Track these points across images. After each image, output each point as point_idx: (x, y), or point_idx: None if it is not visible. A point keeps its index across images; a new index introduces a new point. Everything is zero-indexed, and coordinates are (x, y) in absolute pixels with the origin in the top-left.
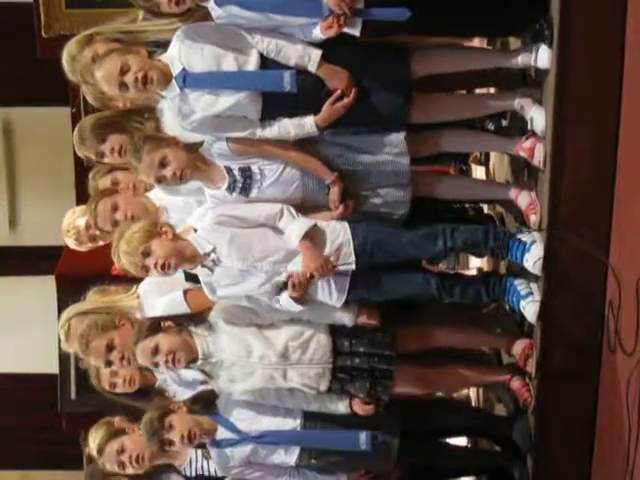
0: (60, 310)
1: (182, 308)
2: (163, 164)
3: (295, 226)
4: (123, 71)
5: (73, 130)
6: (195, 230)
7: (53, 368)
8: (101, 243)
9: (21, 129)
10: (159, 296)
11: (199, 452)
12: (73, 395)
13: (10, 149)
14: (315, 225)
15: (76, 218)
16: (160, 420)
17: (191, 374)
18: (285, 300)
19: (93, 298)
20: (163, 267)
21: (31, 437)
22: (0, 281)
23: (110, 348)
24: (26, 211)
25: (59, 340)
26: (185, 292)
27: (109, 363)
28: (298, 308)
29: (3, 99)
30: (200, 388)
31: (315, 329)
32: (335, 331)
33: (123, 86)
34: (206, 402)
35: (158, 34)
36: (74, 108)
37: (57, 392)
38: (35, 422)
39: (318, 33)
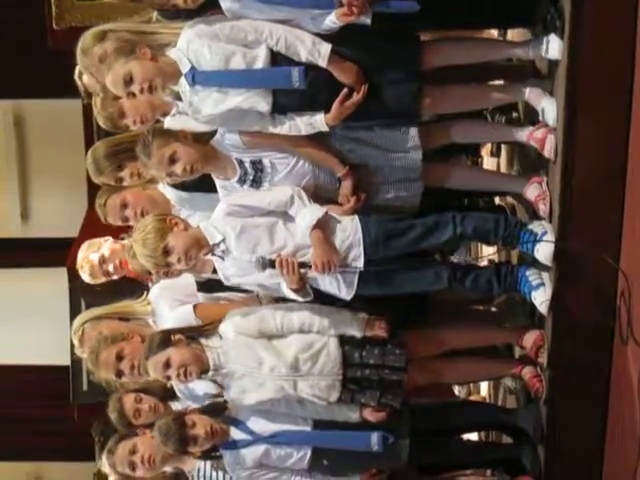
0: (72, 301)
1: (192, 322)
2: (173, 159)
3: (306, 213)
4: (127, 82)
5: (84, 122)
6: None
7: (65, 359)
8: (115, 277)
9: (32, 121)
10: (171, 302)
11: (207, 462)
12: (85, 386)
13: (22, 141)
14: (326, 213)
15: (90, 253)
16: (180, 420)
17: (202, 388)
18: (286, 290)
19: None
20: (186, 259)
21: (43, 428)
22: (11, 273)
23: (120, 358)
24: (38, 203)
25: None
26: (195, 306)
27: (120, 373)
28: (299, 299)
29: (14, 91)
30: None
31: (325, 341)
32: (345, 343)
33: (130, 94)
34: (218, 406)
35: (172, 36)
36: (85, 100)
37: (69, 383)
38: (47, 413)
39: (333, 20)
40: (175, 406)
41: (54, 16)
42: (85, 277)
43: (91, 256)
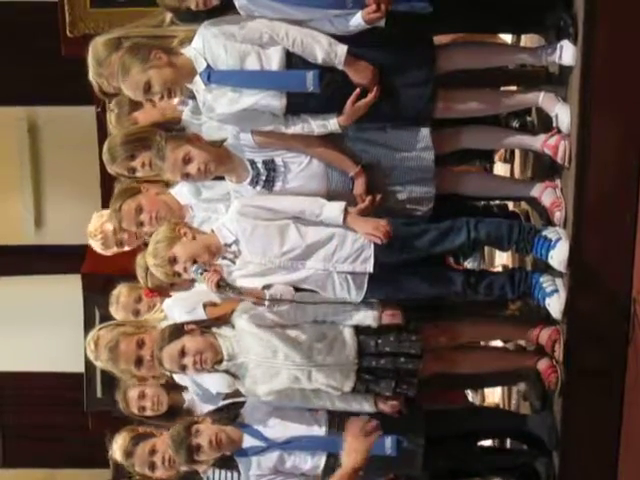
0: (86, 308)
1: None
2: (187, 160)
3: (333, 205)
4: (146, 90)
5: (98, 129)
6: None
7: (79, 367)
8: (127, 248)
9: (46, 128)
10: (184, 311)
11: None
12: (99, 393)
13: (35, 148)
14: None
15: (104, 222)
16: (188, 429)
17: (214, 387)
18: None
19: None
20: None
21: (57, 436)
22: (26, 280)
23: (140, 345)
24: (52, 210)
25: (85, 338)
26: (205, 305)
27: (140, 360)
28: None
29: (28, 98)
30: (222, 403)
31: (340, 330)
32: (360, 332)
33: (149, 100)
34: (230, 413)
35: (186, 38)
36: (99, 107)
37: (83, 391)
38: (61, 421)
39: (359, 20)
40: (185, 395)
41: (68, 23)
42: (97, 246)
43: (105, 225)
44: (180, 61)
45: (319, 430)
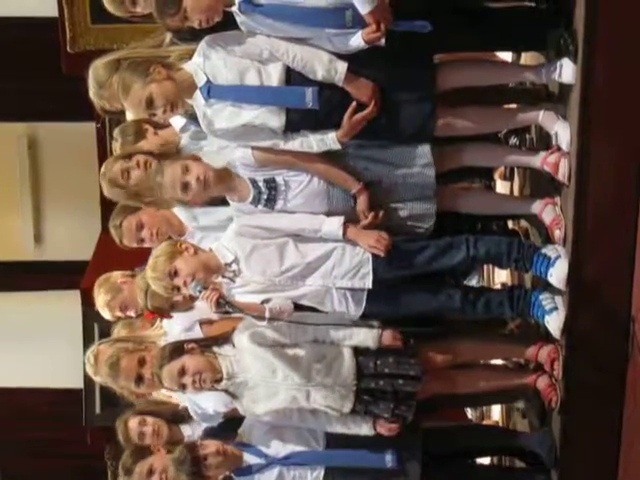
0: (85, 324)
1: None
2: (186, 171)
3: (332, 220)
4: (149, 105)
5: (98, 145)
6: None
7: (78, 383)
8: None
9: (46, 144)
10: (184, 326)
11: None
12: (98, 409)
13: (35, 164)
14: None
15: (109, 299)
16: (191, 445)
17: (211, 407)
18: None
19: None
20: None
21: (56, 451)
22: (25, 296)
23: (141, 363)
24: (51, 226)
25: (84, 354)
26: (201, 323)
27: (140, 379)
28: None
29: (28, 114)
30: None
31: (339, 351)
32: (359, 353)
33: (151, 115)
34: (228, 432)
35: (185, 54)
36: (99, 123)
37: (82, 406)
38: (60, 436)
39: (360, 40)
40: (184, 430)
41: (68, 40)
42: (105, 316)
43: (111, 303)
44: (179, 75)
45: (317, 446)
